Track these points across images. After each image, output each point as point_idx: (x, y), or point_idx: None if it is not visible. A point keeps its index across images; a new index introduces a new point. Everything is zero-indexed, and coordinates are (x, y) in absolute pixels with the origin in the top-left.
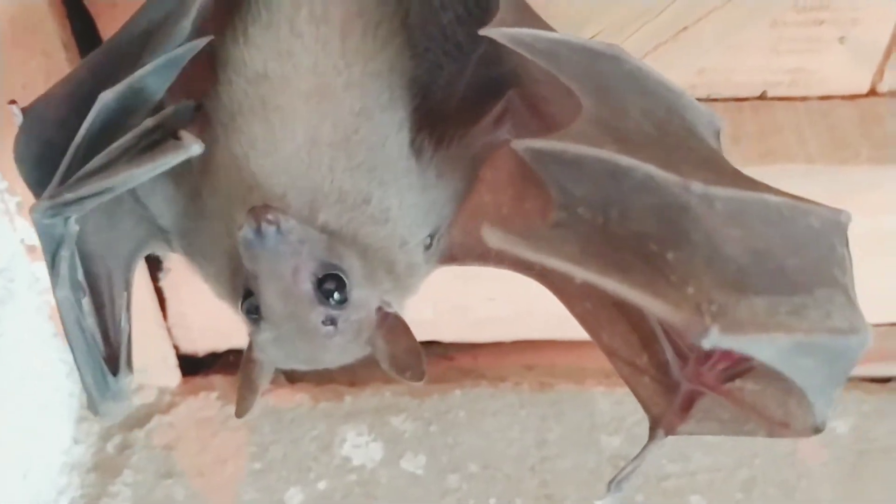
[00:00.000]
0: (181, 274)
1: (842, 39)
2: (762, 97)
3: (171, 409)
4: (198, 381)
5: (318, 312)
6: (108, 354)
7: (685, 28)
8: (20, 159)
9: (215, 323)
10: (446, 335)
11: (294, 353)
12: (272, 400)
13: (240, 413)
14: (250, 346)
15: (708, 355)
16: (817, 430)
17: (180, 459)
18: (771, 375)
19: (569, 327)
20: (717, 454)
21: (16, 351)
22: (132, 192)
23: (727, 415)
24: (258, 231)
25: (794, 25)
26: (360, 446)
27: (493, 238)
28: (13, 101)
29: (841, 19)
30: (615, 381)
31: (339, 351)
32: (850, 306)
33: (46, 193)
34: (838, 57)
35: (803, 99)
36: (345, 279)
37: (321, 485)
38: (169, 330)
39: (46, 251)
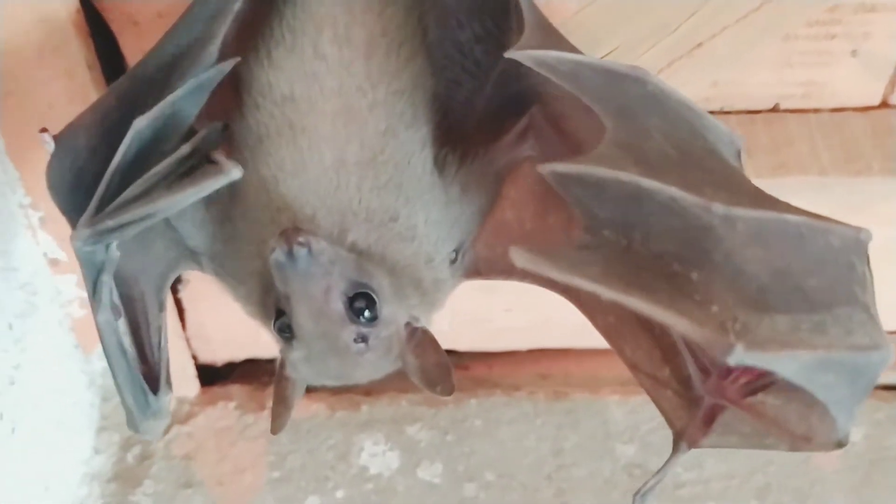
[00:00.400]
0: (200, 286)
1: (854, 53)
2: (775, 109)
3: (189, 419)
4: (216, 390)
5: (350, 331)
6: (147, 374)
7: (700, 44)
8: (53, 187)
9: (233, 333)
10: (462, 345)
11: (326, 371)
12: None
13: (276, 430)
14: (282, 365)
15: (730, 370)
16: (840, 444)
17: (199, 469)
18: (792, 390)
19: (583, 336)
20: (732, 462)
21: (39, 363)
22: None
23: (748, 428)
24: (290, 254)
25: (806, 39)
26: (377, 455)
27: (521, 259)
28: (44, 129)
29: (853, 33)
30: (630, 389)
31: (371, 367)
32: (871, 322)
33: (85, 221)
34: (850, 70)
35: (816, 111)
36: (374, 297)
37: (339, 493)
38: (188, 341)
39: (88, 278)
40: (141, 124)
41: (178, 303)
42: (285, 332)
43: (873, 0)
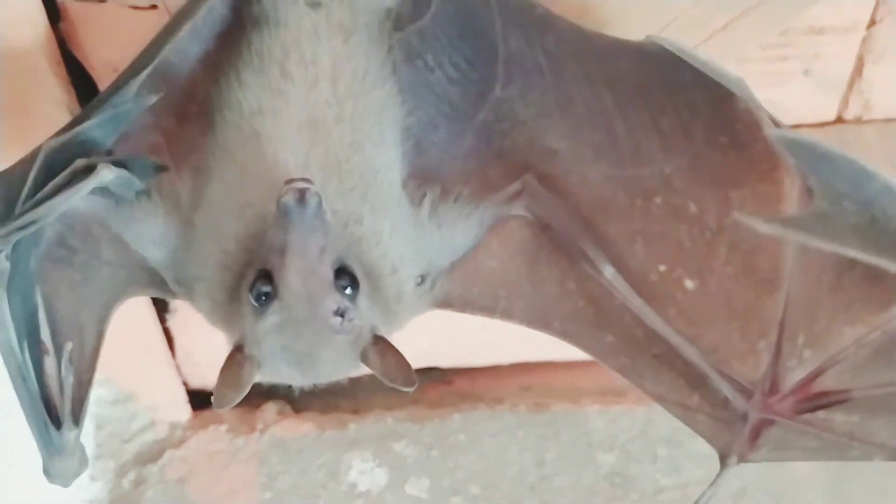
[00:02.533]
0: (186, 315)
1: (806, 72)
2: None
3: (182, 443)
4: (207, 414)
5: (333, 299)
6: (72, 408)
7: None
8: None
9: (221, 358)
10: (444, 361)
11: (295, 344)
12: (279, 431)
13: (220, 404)
14: (235, 356)
15: (774, 389)
16: None
17: (194, 492)
18: (877, 407)
19: (563, 349)
20: (709, 466)
21: None
22: (115, 243)
23: (814, 443)
24: (301, 200)
25: (760, 61)
26: (365, 472)
27: (759, 225)
28: None
29: (804, 54)
30: (609, 399)
31: (336, 354)
32: None
33: None
34: (804, 88)
35: None
36: (357, 277)
37: None
38: (178, 367)
39: None
40: (49, 146)
41: (166, 332)
42: (262, 297)
43: (821, 23)
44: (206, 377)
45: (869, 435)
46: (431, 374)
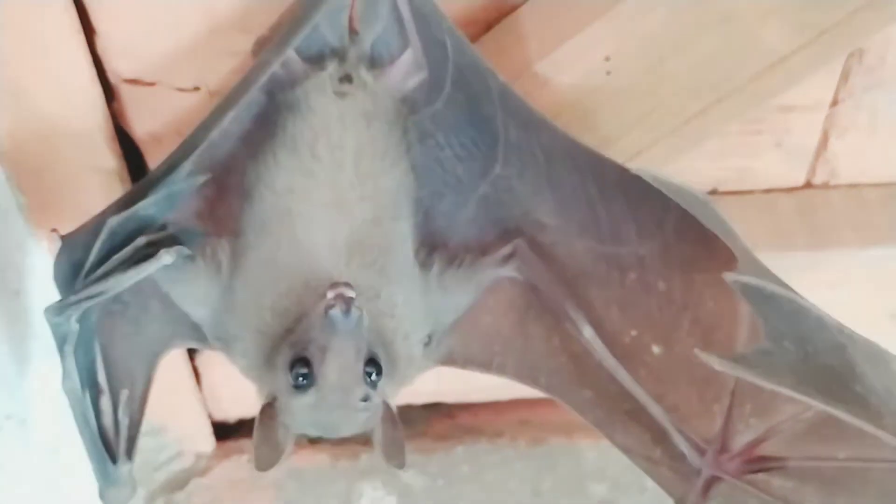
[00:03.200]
0: (213, 353)
1: (778, 144)
2: (714, 192)
3: (207, 472)
4: (230, 445)
5: (361, 389)
6: (114, 444)
7: (639, 152)
8: (55, 276)
9: (243, 393)
10: (449, 398)
11: (324, 420)
12: (295, 461)
13: (263, 467)
14: (271, 411)
15: (723, 449)
16: None
17: None
18: (808, 477)
19: None
20: None
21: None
22: (163, 300)
23: (755, 501)
24: (348, 312)
25: (735, 135)
26: (376, 500)
27: (717, 363)
28: (54, 230)
29: (775, 129)
30: (601, 434)
31: (357, 426)
32: None
33: (59, 299)
34: (776, 157)
35: (750, 192)
36: (381, 365)
37: None
38: (203, 402)
39: (57, 347)
40: (113, 222)
41: (194, 369)
42: (301, 379)
43: (790, 102)
44: (229, 411)
45: (800, 500)
46: (437, 410)
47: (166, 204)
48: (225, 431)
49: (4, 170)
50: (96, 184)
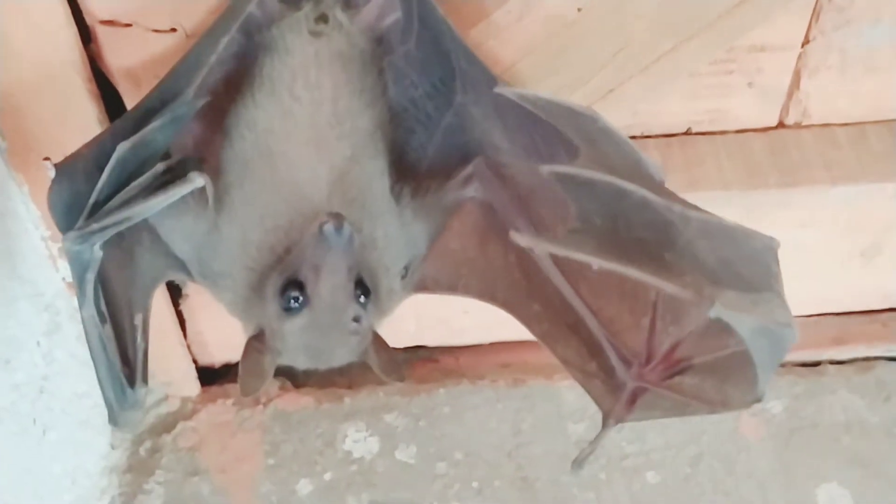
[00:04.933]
0: (198, 299)
1: (750, 84)
2: (687, 133)
3: (193, 415)
4: (215, 389)
5: (353, 309)
6: (126, 371)
7: (612, 90)
8: (52, 206)
9: (228, 338)
10: (430, 341)
11: (315, 345)
12: (281, 404)
13: (248, 392)
14: (253, 344)
15: (649, 359)
16: (757, 401)
17: (204, 459)
18: (708, 370)
19: None
20: (669, 434)
21: (63, 373)
22: (152, 233)
23: (668, 403)
24: (340, 230)
25: (707, 75)
26: (359, 441)
27: (522, 240)
28: (47, 158)
29: (747, 69)
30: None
31: (347, 351)
32: (786, 308)
33: (77, 225)
34: (748, 98)
35: (722, 133)
36: (370, 288)
37: (327, 476)
38: (188, 346)
39: (75, 275)
40: (123, 148)
41: (179, 314)
42: (293, 301)
43: (762, 41)
44: (214, 356)
45: (702, 394)
46: (419, 353)
47: (171, 128)
48: (210, 376)
49: None
50: (75, 126)
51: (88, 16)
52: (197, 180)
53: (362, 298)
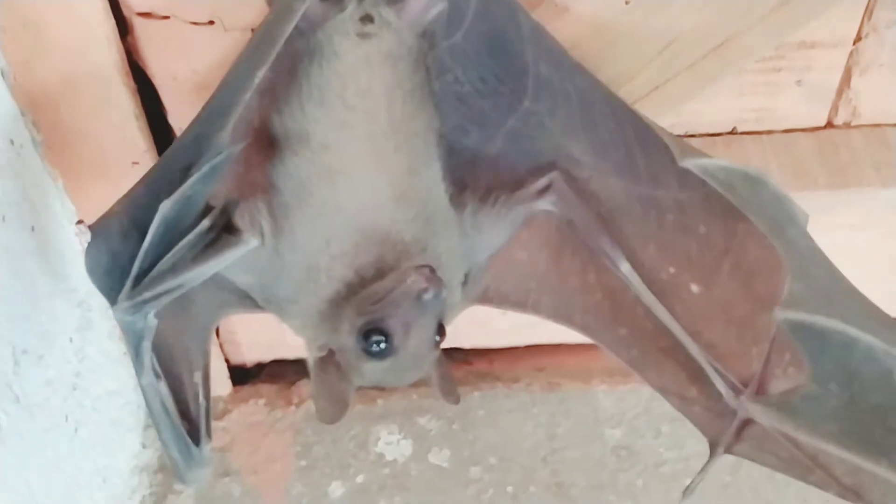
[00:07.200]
0: None
1: (798, 82)
2: (733, 132)
3: (224, 415)
4: (247, 389)
5: (433, 355)
6: (189, 428)
7: (657, 87)
8: (91, 270)
9: (260, 337)
10: (465, 343)
11: (391, 379)
12: (313, 406)
13: (330, 420)
14: (323, 364)
15: (762, 391)
16: None
17: (235, 460)
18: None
19: (575, 333)
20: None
21: (95, 370)
22: None
23: (785, 453)
24: (438, 294)
25: (755, 73)
26: (392, 443)
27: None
28: (80, 221)
29: (796, 66)
30: (616, 380)
31: (419, 377)
32: None
33: (125, 294)
34: (796, 96)
35: (769, 133)
36: (445, 330)
37: (359, 478)
38: (221, 346)
39: (130, 345)
40: (166, 208)
41: None
42: (376, 346)
43: (812, 38)
44: (246, 355)
45: (828, 464)
46: (453, 355)
47: (212, 179)
48: (242, 375)
49: (20, 106)
50: (111, 120)
51: (125, 8)
52: (251, 241)
53: (438, 339)
